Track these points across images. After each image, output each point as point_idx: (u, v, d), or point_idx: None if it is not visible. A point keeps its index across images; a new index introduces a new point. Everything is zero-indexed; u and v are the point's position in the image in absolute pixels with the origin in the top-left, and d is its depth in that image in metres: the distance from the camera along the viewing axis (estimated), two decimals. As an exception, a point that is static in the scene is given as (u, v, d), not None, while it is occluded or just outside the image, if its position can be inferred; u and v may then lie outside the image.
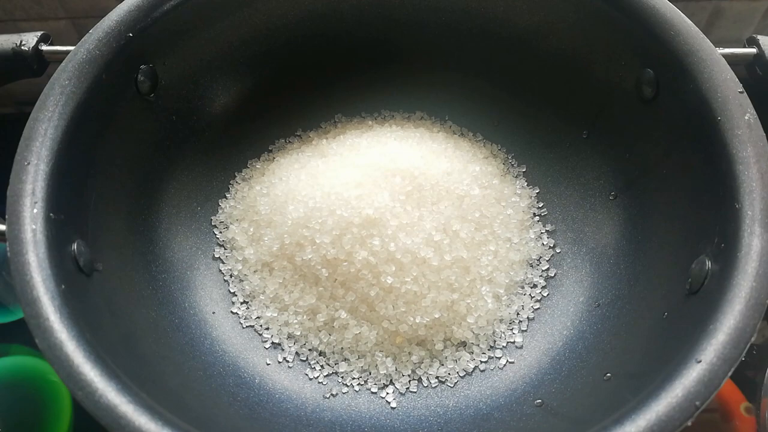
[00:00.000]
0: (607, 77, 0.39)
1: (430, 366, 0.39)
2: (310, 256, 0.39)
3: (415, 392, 0.38)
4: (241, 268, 0.42)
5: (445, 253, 0.39)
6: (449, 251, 0.39)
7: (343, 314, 0.39)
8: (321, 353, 0.40)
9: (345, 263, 0.39)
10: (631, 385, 0.30)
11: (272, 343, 0.40)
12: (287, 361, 0.39)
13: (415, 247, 0.38)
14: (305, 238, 0.39)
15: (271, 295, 0.41)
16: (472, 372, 0.39)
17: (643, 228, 0.39)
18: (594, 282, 0.40)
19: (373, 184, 0.40)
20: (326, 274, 0.39)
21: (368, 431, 0.36)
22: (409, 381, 0.38)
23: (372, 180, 0.40)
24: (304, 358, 0.39)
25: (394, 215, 0.39)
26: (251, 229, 0.42)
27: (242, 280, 0.42)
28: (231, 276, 0.42)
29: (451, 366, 0.39)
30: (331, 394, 0.38)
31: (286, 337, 0.40)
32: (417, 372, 0.39)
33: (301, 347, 0.40)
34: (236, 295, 0.41)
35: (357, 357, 0.39)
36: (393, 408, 0.37)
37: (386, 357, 0.38)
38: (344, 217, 0.38)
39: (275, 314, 0.40)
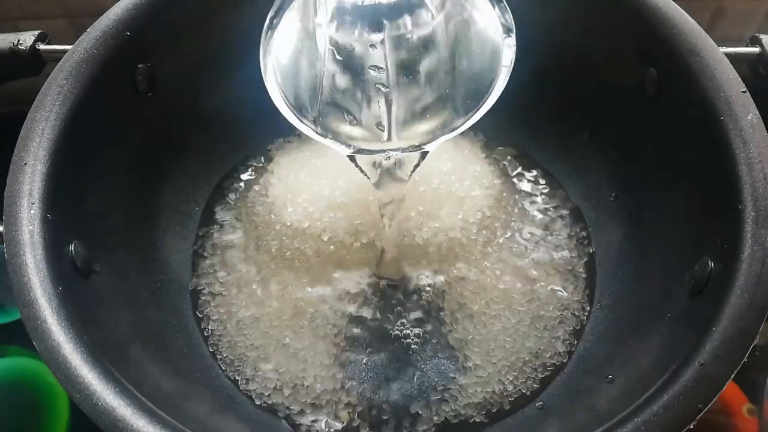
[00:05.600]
0: (609, 76, 0.39)
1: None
2: (312, 257, 0.39)
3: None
4: (239, 269, 0.42)
5: (446, 253, 0.39)
6: (450, 251, 0.39)
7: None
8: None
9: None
10: (633, 388, 0.30)
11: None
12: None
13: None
14: (305, 240, 0.39)
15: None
16: (472, 373, 0.39)
17: (645, 228, 0.39)
18: (595, 283, 0.40)
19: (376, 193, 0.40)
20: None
21: None
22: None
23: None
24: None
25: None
26: (250, 230, 0.42)
27: (241, 283, 0.42)
28: (230, 277, 0.42)
29: (452, 367, 0.38)
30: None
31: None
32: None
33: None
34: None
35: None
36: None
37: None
38: (344, 219, 0.38)
39: (274, 315, 0.40)
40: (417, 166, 0.33)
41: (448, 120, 0.31)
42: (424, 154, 0.32)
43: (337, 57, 0.29)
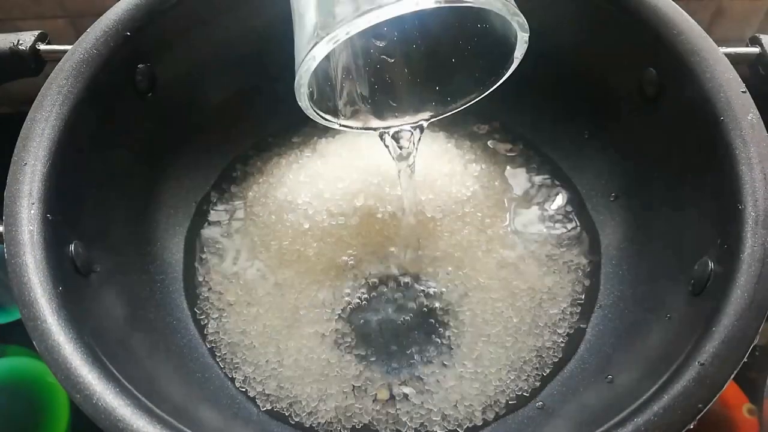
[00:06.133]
0: (609, 77, 0.39)
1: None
2: (312, 258, 0.39)
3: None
4: (239, 268, 0.42)
5: (448, 254, 0.39)
6: (452, 252, 0.39)
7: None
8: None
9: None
10: (633, 387, 0.30)
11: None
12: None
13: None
14: (305, 242, 0.39)
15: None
16: (472, 373, 0.39)
17: (645, 229, 0.39)
18: (596, 283, 0.40)
19: (376, 189, 0.40)
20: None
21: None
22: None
23: (374, 186, 0.40)
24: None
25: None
26: (250, 230, 0.42)
27: (240, 283, 0.42)
28: (230, 276, 0.42)
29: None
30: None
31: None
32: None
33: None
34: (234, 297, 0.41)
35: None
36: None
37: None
38: (345, 222, 0.38)
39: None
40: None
41: (455, 94, 0.31)
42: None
43: None
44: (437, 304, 0.40)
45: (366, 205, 0.40)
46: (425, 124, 0.34)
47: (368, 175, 0.41)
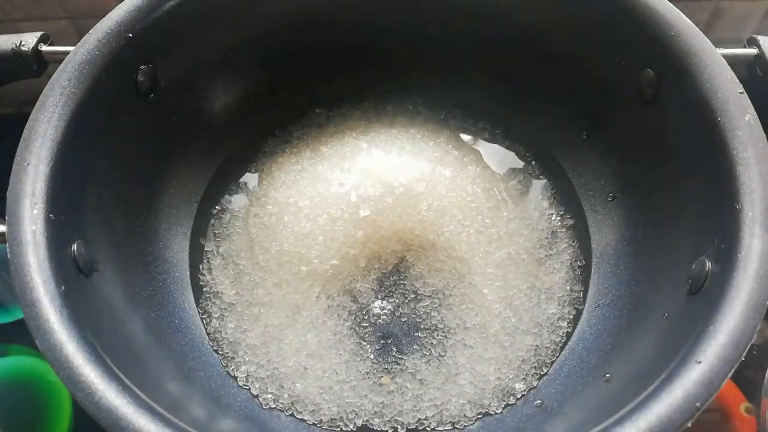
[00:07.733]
0: (608, 78, 0.39)
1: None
2: (313, 260, 0.39)
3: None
4: (240, 268, 0.42)
5: (447, 253, 0.39)
6: (451, 252, 0.39)
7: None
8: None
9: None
10: (631, 386, 0.30)
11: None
12: (287, 362, 0.39)
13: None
14: (307, 244, 0.40)
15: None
16: (472, 372, 0.39)
17: (643, 229, 0.39)
18: (594, 282, 0.40)
19: (377, 190, 0.40)
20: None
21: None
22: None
23: (376, 187, 0.40)
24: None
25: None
26: (251, 231, 0.42)
27: (242, 282, 0.42)
28: (231, 276, 0.42)
29: (452, 366, 0.39)
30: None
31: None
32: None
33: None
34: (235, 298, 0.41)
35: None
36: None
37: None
38: (346, 225, 0.39)
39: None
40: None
41: None
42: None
43: None
44: (437, 304, 0.40)
45: (367, 206, 0.40)
46: None
47: (370, 177, 0.41)
